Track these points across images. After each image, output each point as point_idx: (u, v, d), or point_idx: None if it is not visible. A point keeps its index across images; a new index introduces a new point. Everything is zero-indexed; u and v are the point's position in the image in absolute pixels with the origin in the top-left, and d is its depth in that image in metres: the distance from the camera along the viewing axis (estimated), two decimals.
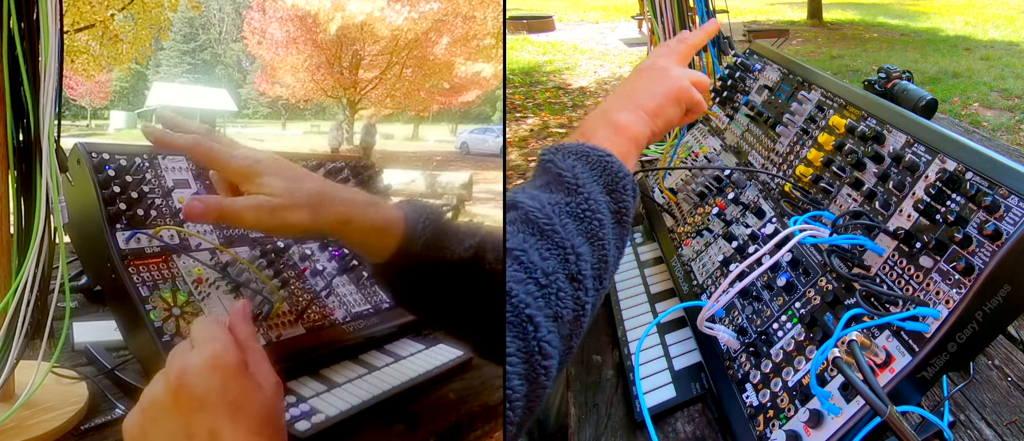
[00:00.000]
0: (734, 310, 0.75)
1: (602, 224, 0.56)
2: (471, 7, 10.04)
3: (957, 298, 0.53)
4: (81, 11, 7.33)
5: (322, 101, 12.60)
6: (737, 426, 0.63)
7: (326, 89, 11.47)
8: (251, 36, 12.00)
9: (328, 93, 11.64)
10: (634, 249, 1.08)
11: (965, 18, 10.13)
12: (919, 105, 1.17)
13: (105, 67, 8.57)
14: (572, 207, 0.55)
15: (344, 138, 10.35)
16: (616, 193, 0.58)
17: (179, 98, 15.57)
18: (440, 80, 11.10)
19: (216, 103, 15.62)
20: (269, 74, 12.22)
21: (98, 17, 7.56)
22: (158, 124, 0.65)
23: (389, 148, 12.70)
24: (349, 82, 11.12)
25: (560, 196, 0.56)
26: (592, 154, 0.59)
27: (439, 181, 8.64)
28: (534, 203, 0.54)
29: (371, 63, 10.83)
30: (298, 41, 10.76)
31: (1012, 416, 0.65)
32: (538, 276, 0.50)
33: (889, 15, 11.08)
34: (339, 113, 12.05)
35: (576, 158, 0.58)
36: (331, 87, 11.35)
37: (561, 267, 0.52)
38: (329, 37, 10.07)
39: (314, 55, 10.87)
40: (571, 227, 0.54)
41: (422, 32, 10.18)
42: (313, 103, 13.07)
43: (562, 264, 0.52)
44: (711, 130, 1.14)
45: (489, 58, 10.65)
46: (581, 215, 0.55)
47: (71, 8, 7.15)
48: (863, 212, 0.66)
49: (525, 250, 0.51)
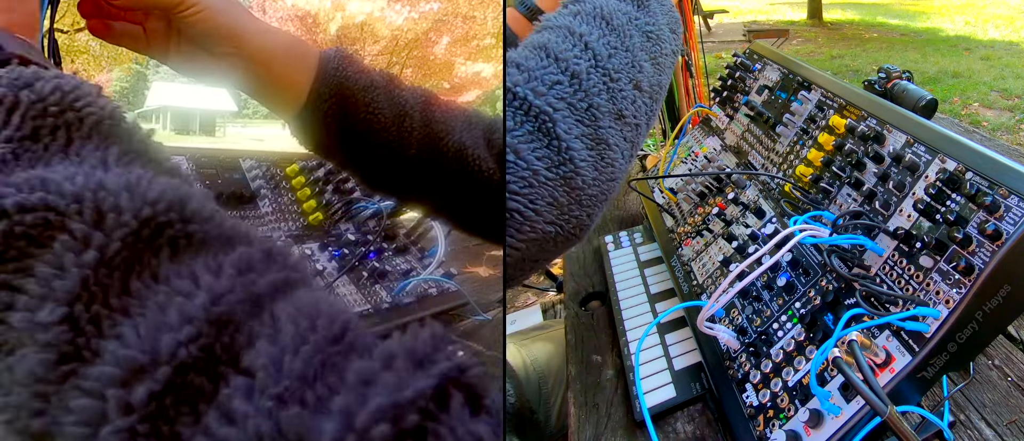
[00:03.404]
0: (734, 310, 0.75)
1: (663, 54, 0.52)
2: (471, 7, 10.05)
3: (957, 298, 0.53)
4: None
5: None
6: (737, 426, 0.63)
7: None
8: None
9: None
10: (634, 249, 1.08)
11: (965, 18, 10.13)
12: (919, 105, 1.17)
13: (105, 67, 8.57)
14: (641, 23, 0.51)
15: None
16: (676, 35, 0.55)
17: (179, 98, 15.57)
18: (440, 80, 11.10)
19: (216, 103, 15.63)
20: None
21: None
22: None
23: None
24: None
25: (628, 6, 0.52)
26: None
27: None
28: (603, 1, 0.50)
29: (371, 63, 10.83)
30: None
31: (1012, 416, 0.65)
32: (608, 67, 0.47)
33: (889, 15, 11.09)
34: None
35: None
36: None
37: (627, 70, 0.49)
38: (329, 37, 10.07)
39: None
40: (637, 40, 0.50)
41: (422, 32, 10.19)
42: None
43: (629, 68, 0.49)
44: (711, 130, 1.14)
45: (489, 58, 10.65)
46: (649, 34, 0.51)
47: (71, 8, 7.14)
48: (863, 212, 0.66)
49: (590, 37, 0.47)
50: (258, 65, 0.59)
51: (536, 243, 0.47)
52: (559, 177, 0.45)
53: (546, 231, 0.46)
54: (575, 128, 0.45)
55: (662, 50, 0.53)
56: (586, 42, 0.47)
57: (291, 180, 1.19)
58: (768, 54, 1.08)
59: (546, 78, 0.45)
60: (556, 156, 0.44)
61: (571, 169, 0.45)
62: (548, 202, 0.45)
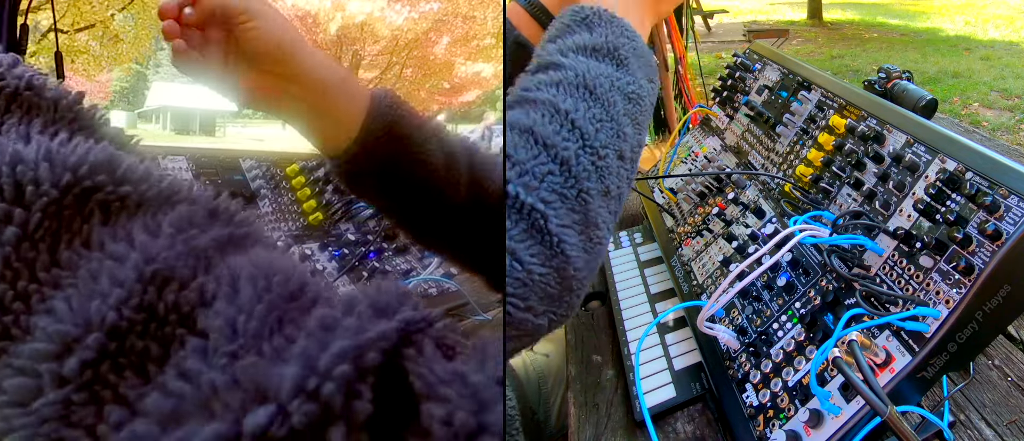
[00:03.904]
0: (734, 310, 0.75)
1: (643, 111, 0.52)
2: (471, 7, 10.05)
3: (957, 298, 0.53)
4: (81, 11, 7.33)
5: None
6: (737, 426, 0.63)
7: None
8: None
9: None
10: (634, 249, 1.08)
11: (965, 18, 10.13)
12: (919, 105, 1.17)
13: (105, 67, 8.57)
14: (622, 84, 0.51)
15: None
16: (653, 84, 0.54)
17: (179, 98, 15.57)
18: (440, 80, 11.10)
19: (216, 103, 15.61)
20: None
21: (98, 17, 7.56)
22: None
23: None
24: None
25: (609, 68, 0.51)
26: (637, 40, 0.54)
27: None
28: (584, 67, 0.49)
29: (371, 63, 10.83)
30: None
31: (1012, 416, 0.64)
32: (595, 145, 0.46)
33: (889, 15, 11.08)
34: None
35: (621, 32, 0.53)
36: None
37: (613, 142, 0.48)
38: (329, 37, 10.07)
39: None
40: (620, 106, 0.50)
41: (422, 32, 10.19)
42: None
43: (615, 139, 0.48)
44: (711, 130, 1.14)
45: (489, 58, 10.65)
46: (630, 96, 0.51)
47: (71, 8, 7.15)
48: (863, 212, 0.66)
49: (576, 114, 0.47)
50: (311, 93, 0.58)
51: (529, 336, 0.47)
52: (551, 270, 0.44)
53: (538, 325, 0.46)
54: (566, 217, 0.45)
55: (642, 109, 0.52)
56: (573, 120, 0.47)
57: (291, 180, 1.19)
58: (768, 54, 1.08)
59: (537, 170, 0.44)
60: (548, 250, 0.44)
61: (562, 260, 0.44)
62: (540, 297, 0.45)
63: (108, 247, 0.29)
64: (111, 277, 0.28)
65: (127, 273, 0.28)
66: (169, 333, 0.27)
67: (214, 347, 0.26)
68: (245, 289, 0.28)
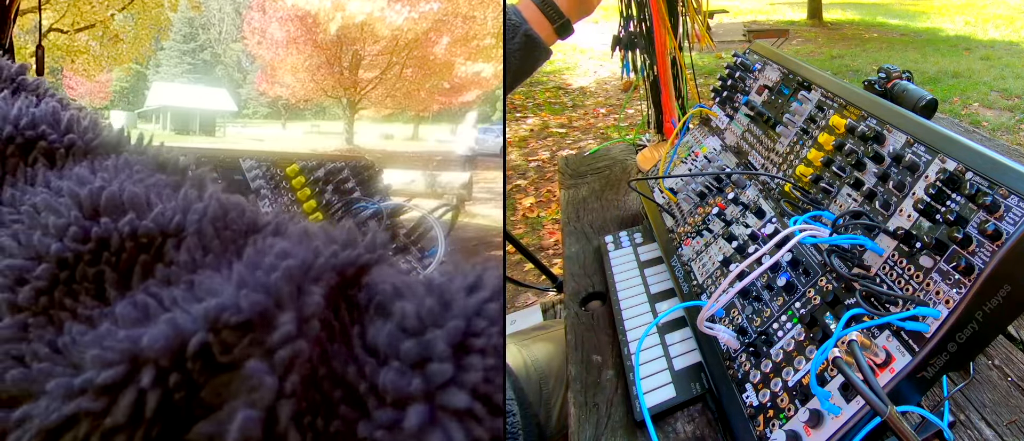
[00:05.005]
0: (734, 310, 0.75)
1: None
2: (471, 7, 10.05)
3: (957, 298, 0.53)
4: (81, 11, 7.33)
5: (322, 101, 12.61)
6: (737, 426, 0.63)
7: (326, 89, 11.48)
8: (251, 36, 12.00)
9: (328, 93, 11.65)
10: (634, 249, 1.08)
11: (965, 18, 10.13)
12: (919, 105, 1.17)
13: (105, 67, 8.57)
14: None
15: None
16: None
17: (179, 98, 15.56)
18: (440, 80, 11.11)
19: (216, 103, 15.61)
20: (269, 74, 12.23)
21: (98, 17, 7.56)
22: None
23: (389, 148, 12.70)
24: (349, 82, 11.13)
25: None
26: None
27: (439, 181, 8.65)
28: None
29: (371, 63, 10.84)
30: (298, 41, 10.76)
31: (1012, 416, 0.65)
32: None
33: (889, 15, 11.08)
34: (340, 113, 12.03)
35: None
36: (331, 87, 11.36)
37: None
38: (329, 37, 10.07)
39: (314, 55, 10.87)
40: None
41: (422, 32, 10.19)
42: (313, 103, 13.07)
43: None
44: (711, 130, 1.14)
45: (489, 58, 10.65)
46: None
47: (71, 8, 7.14)
48: (863, 212, 0.66)
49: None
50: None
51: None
52: None
53: None
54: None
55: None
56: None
57: (291, 180, 1.19)
58: (768, 54, 1.08)
59: None
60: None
61: None
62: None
63: (53, 184, 0.30)
64: (51, 209, 0.29)
65: (67, 203, 0.29)
66: (127, 260, 0.27)
67: (175, 278, 0.27)
68: (207, 228, 0.28)
